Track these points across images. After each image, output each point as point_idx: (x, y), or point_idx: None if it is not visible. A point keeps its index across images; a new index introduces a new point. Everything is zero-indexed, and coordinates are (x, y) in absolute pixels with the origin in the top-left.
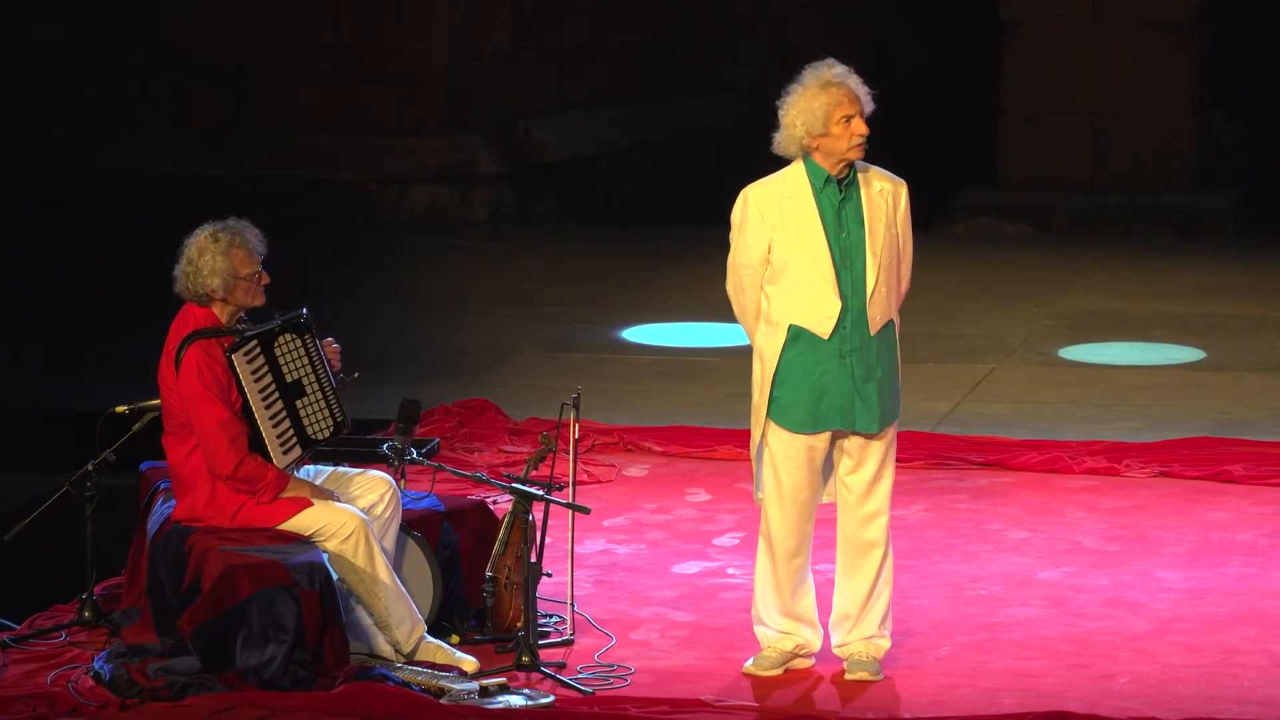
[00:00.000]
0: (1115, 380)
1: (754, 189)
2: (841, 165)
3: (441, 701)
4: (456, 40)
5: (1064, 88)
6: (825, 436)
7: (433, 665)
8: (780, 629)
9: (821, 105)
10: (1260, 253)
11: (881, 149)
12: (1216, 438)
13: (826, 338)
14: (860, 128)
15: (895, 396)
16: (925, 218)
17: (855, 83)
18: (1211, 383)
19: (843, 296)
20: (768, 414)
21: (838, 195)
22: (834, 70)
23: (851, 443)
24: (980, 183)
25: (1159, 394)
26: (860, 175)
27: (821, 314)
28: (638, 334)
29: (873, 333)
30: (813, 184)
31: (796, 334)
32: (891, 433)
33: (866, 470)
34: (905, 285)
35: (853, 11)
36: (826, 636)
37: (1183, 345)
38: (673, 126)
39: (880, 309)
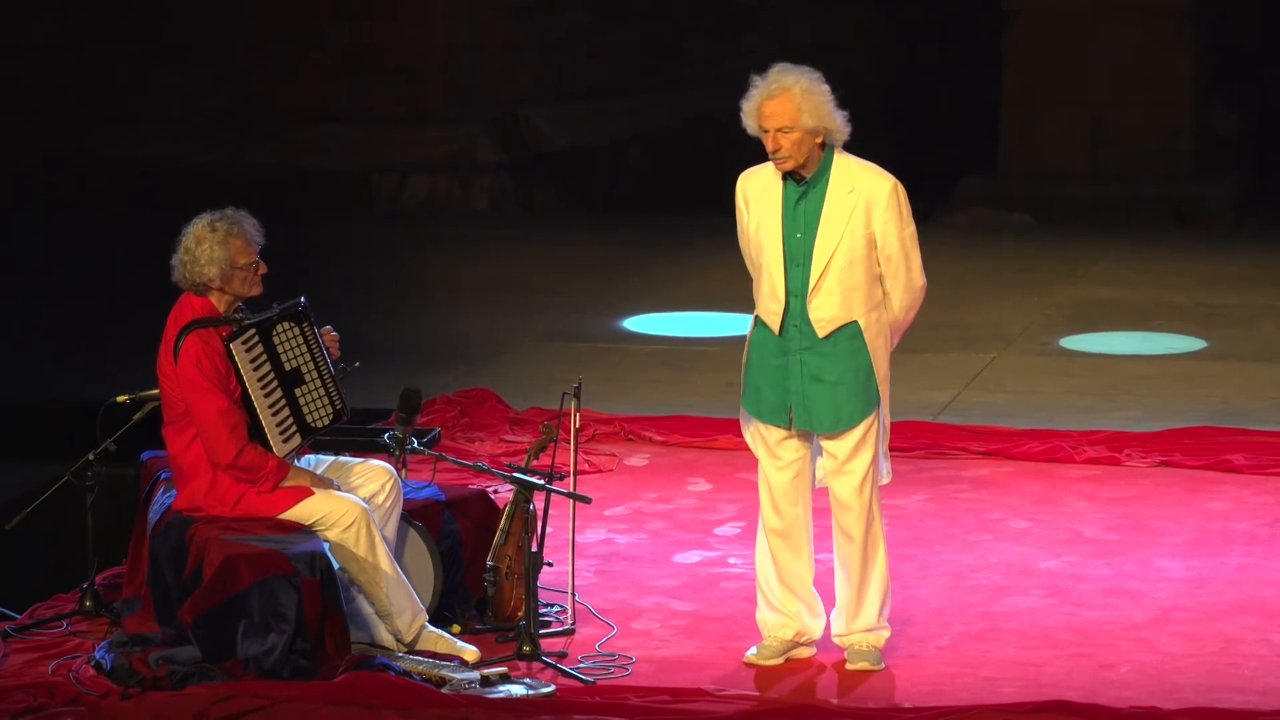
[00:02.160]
0: (1116, 370)
1: (744, 174)
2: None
3: (442, 691)
4: (456, 30)
5: (1064, 78)
6: (778, 429)
7: (434, 655)
8: (779, 608)
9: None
10: (1260, 243)
11: (883, 140)
12: (1217, 427)
13: (777, 333)
14: (771, 143)
15: (859, 400)
16: (925, 208)
17: (778, 96)
18: (1212, 372)
19: (789, 294)
20: (741, 396)
21: (796, 192)
22: (762, 85)
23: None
24: (980, 173)
25: (1159, 383)
26: (836, 174)
27: (770, 308)
28: (638, 323)
29: (821, 335)
30: (784, 178)
31: (759, 323)
32: (859, 432)
33: (834, 461)
34: (903, 291)
35: (853, 2)
36: (828, 625)
37: (1183, 335)
38: (673, 117)
39: (829, 311)
